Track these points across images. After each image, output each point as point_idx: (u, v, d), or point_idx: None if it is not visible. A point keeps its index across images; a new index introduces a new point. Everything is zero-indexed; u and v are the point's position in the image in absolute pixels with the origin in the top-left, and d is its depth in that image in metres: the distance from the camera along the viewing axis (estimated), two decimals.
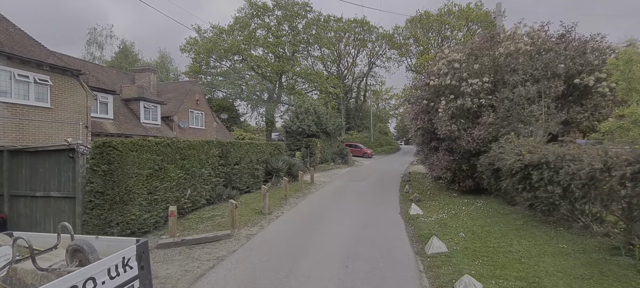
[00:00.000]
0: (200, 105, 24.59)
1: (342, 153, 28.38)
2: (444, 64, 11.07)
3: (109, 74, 21.44)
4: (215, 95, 38.70)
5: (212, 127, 25.87)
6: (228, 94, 36.67)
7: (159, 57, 39.51)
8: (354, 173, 22.60)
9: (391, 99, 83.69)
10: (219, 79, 35.15)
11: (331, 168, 26.57)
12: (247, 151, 14.81)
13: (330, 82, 39.84)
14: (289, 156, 28.04)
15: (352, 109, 55.83)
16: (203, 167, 11.42)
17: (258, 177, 15.69)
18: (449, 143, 11.69)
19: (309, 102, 29.67)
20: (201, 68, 38.31)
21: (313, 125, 27.82)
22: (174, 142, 10.12)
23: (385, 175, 21.41)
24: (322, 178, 20.27)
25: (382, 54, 53.14)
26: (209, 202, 11.88)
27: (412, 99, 14.56)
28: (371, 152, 37.88)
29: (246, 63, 33.95)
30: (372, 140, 45.08)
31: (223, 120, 32.85)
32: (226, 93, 36.45)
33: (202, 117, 24.80)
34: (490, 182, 9.97)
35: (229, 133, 29.84)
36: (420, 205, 11.31)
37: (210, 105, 35.73)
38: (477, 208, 10.05)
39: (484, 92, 10.56)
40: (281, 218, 10.25)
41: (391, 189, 15.52)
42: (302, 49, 43.22)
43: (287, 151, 29.32)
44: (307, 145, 26.21)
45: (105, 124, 17.21)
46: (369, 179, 19.18)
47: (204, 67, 38.64)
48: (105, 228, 7.72)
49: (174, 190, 9.82)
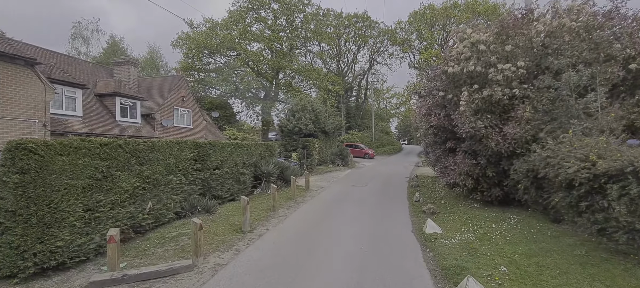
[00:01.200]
0: (187, 102, 22.51)
1: (341, 155, 26.30)
2: (466, 47, 8.97)
3: (83, 66, 19.37)
4: (208, 93, 36.60)
5: (200, 126, 23.80)
6: (222, 91, 34.56)
7: (148, 52, 37.45)
8: (355, 177, 20.51)
9: (392, 97, 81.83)
10: (211, 76, 33.03)
11: (330, 170, 24.48)
12: (231, 153, 12.73)
13: (330, 78, 37.74)
14: (284, 157, 25.99)
15: (353, 107, 53.75)
16: (171, 173, 9.34)
17: (245, 183, 13.61)
18: (471, 143, 9.60)
19: (306, 100, 27.58)
20: (194, 64, 36.20)
21: (310, 124, 25.72)
22: (128, 143, 8.03)
23: (389, 178, 19.31)
24: (319, 182, 18.18)
25: (383, 50, 51.10)
26: (180, 216, 9.80)
27: (423, 91, 12.48)
28: (373, 152, 35.79)
29: (240, 58, 31.86)
30: (374, 140, 43.00)
31: (214, 118, 30.76)
32: (219, 90, 34.33)
33: (189, 115, 22.73)
34: (528, 194, 7.87)
35: (221, 133, 27.77)
36: (436, 219, 9.23)
37: (201, 102, 33.73)
38: (512, 226, 7.94)
39: (517, 80, 8.46)
40: (264, 237, 8.16)
41: (398, 197, 13.43)
42: (300, 44, 41.14)
43: (283, 152, 27.27)
44: (303, 145, 24.14)
45: (72, 122, 15.13)
46: (372, 184, 17.08)
47: (197, 63, 36.53)
48: (17, 261, 5.66)
49: (127, 204, 7.74)
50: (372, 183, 17.31)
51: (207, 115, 27.97)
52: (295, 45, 39.74)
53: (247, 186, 13.91)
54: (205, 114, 27.64)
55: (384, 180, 18.63)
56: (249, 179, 13.94)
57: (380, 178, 19.55)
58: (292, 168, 16.46)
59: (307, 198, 13.38)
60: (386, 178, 19.55)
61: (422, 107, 11.74)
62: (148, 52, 37.29)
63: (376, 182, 17.61)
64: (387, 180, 18.67)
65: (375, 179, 18.91)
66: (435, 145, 13.13)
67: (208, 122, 26.77)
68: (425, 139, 15.22)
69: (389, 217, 9.93)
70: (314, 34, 38.51)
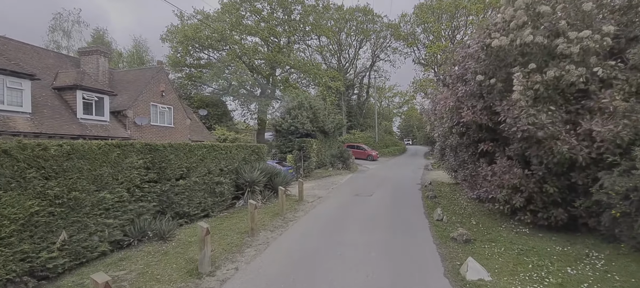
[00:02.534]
0: (168, 98, 19.87)
1: (342, 157, 23.62)
2: (519, 9, 6.27)
3: (43, 55, 16.71)
4: (200, 91, 33.88)
5: (183, 125, 21.15)
6: (213, 88, 31.91)
7: (133, 45, 34.73)
8: (359, 183, 17.82)
9: (394, 96, 79.12)
10: (202, 72, 30.37)
11: (329, 174, 21.80)
12: (203, 158, 10.07)
13: (330, 74, 35.04)
14: (279, 160, 23.32)
15: (354, 105, 51.05)
16: (104, 189, 6.69)
17: (222, 195, 10.95)
18: (523, 146, 6.90)
19: (303, 96, 24.90)
20: (183, 59, 33.53)
21: (308, 123, 23.05)
22: (25, 146, 5.38)
23: (398, 185, 16.61)
24: (316, 190, 15.51)
25: (386, 46, 48.36)
26: (121, 246, 7.14)
27: (448, 77, 9.78)
28: (376, 153, 33.09)
29: (232, 52, 29.19)
30: (377, 141, 40.28)
31: (202, 117, 28.13)
32: (210, 87, 31.66)
33: (170, 113, 20.08)
34: (627, 223, 5.17)
35: (209, 133, 25.10)
36: (475, 253, 6.54)
37: (191, 100, 31.08)
38: (601, 273, 5.24)
39: (601, 54, 5.77)
40: (228, 286, 5.49)
41: (414, 213, 10.73)
42: (299, 38, 38.46)
43: (278, 154, 24.60)
44: (300, 146, 21.47)
45: (16, 119, 12.49)
46: (379, 193, 14.39)
47: (188, 59, 33.86)
48: None
49: (17, 239, 5.09)
50: (378, 192, 14.61)
51: (194, 114, 25.33)
52: (293, 40, 37.10)
53: (226, 198, 11.25)
54: (191, 112, 24.99)
55: (393, 187, 15.93)
56: (228, 190, 11.28)
57: (388, 185, 16.85)
58: (282, 175, 13.79)
59: (299, 214, 10.69)
60: (395, 184, 16.84)
61: (449, 98, 9.02)
62: (133, 45, 34.58)
63: (384, 191, 14.91)
64: (397, 187, 15.96)
65: (382, 186, 16.21)
66: (460, 148, 10.48)
67: (194, 121, 24.12)
68: (445, 140, 12.53)
69: (408, 248, 7.24)
70: (313, 27, 35.81)
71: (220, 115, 32.36)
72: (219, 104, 32.85)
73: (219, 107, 32.60)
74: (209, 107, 31.68)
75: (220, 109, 32.49)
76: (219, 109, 32.34)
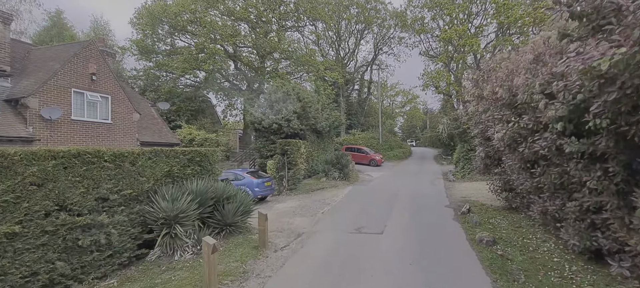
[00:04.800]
0: (103, 84, 14.69)
1: (340, 163, 18.41)
2: None
3: None
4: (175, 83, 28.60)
5: (127, 120, 15.95)
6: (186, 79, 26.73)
7: (92, 27, 29.25)
8: (360, 203, 12.63)
9: (397, 95, 73.99)
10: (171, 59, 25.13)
11: (322, 187, 16.60)
12: (47, 177, 4.88)
13: (326, 63, 29.87)
14: (259, 168, 18.14)
15: (354, 103, 45.87)
16: None
17: (107, 247, 5.78)
18: None
19: (289, 86, 19.74)
20: (154, 46, 28.31)
21: (294, 120, 17.87)
22: None
23: (420, 208, 11.40)
24: (296, 217, 10.33)
25: (390, 37, 43.20)
26: None
27: None
28: (381, 158, 27.89)
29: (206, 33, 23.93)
30: (381, 142, 35.07)
31: (163, 112, 23.02)
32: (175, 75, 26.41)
33: (106, 104, 14.89)
34: None
35: (171, 132, 19.90)
36: None
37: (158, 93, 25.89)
38: None
39: None
40: None
41: (472, 284, 5.50)
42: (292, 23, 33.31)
43: (258, 159, 19.43)
44: (283, 150, 16.26)
45: None
46: (394, 226, 9.19)
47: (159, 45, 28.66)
48: None
49: None
50: (393, 224, 9.38)
51: (153, 107, 20.14)
52: (284, 25, 31.94)
53: (118, 251, 6.04)
54: (148, 105, 19.82)
55: (412, 213, 10.69)
56: (120, 236, 6.07)
57: (404, 207, 11.63)
58: (239, 198, 8.56)
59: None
60: (414, 207, 11.62)
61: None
62: (91, 27, 29.08)
63: (400, 221, 9.68)
64: (418, 213, 10.73)
65: (395, 211, 10.99)
66: (560, 159, 5.32)
67: (150, 116, 18.92)
68: (507, 144, 7.33)
69: None
70: (307, 11, 30.63)
71: (196, 111, 27.21)
72: (193, 98, 27.70)
73: (193, 102, 27.45)
74: (182, 102, 26.57)
75: (195, 104, 27.33)
76: (194, 104, 27.19)
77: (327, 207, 12.08)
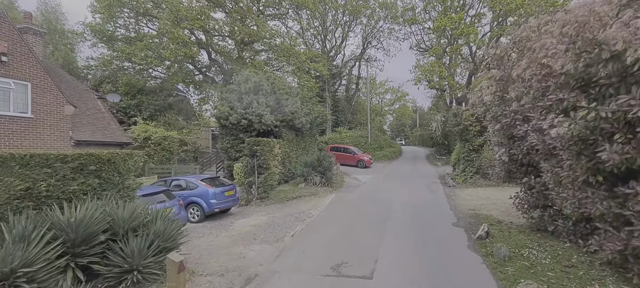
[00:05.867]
0: (18, 67, 11.52)
1: (321, 166, 15.63)
2: None
3: None
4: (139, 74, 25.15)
5: (57, 114, 12.80)
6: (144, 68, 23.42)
7: (40, 10, 25.40)
8: (344, 221, 9.92)
9: (386, 93, 71.81)
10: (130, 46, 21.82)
11: (299, 195, 13.80)
12: None
13: (309, 54, 27.00)
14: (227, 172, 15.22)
15: (342, 99, 43.20)
16: None
17: None
18: None
19: (263, 75, 16.85)
20: (115, 32, 24.83)
21: (267, 115, 15.02)
22: None
23: (422, 229, 8.74)
24: (254, 247, 7.49)
25: (380, 30, 40.69)
26: None
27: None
28: (369, 158, 25.23)
29: (170, 16, 20.74)
30: (370, 141, 32.48)
31: (121, 107, 19.87)
32: (136, 66, 23.10)
33: (24, 94, 11.73)
34: None
35: (120, 130, 16.69)
36: None
37: (110, 82, 22.53)
38: None
39: None
40: None
41: None
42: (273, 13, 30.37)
43: (226, 160, 16.55)
44: (252, 151, 13.38)
45: None
46: (389, 261, 6.52)
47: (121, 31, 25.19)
48: None
49: None
50: (386, 255, 6.68)
51: (100, 100, 16.93)
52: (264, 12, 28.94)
53: None
54: (94, 98, 16.62)
55: (412, 238, 8.00)
56: None
57: (400, 226, 8.96)
58: (158, 226, 5.64)
59: None
60: (413, 226, 8.95)
61: None
62: (39, 9, 25.20)
63: (396, 252, 6.99)
64: (420, 236, 8.05)
65: (389, 234, 8.29)
66: None
67: (94, 110, 15.76)
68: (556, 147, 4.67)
69: None
70: None
71: (162, 106, 23.94)
72: (157, 91, 24.45)
73: (158, 96, 24.18)
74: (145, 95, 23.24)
75: (160, 98, 24.07)
76: (158, 98, 23.92)
77: (300, 225, 9.30)
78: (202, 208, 10.70)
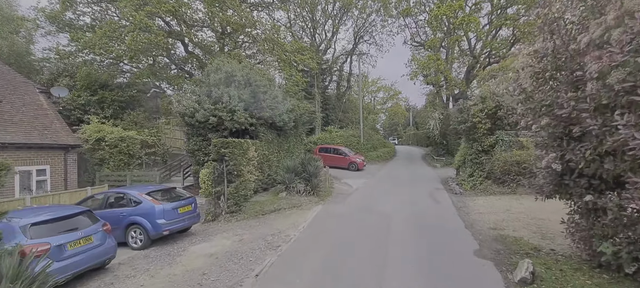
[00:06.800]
0: None
1: (306, 171, 13.22)
2: None
3: None
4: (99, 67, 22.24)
5: None
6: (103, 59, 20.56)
7: None
8: (329, 250, 7.60)
9: (378, 91, 69.82)
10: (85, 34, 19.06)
11: (278, 207, 11.38)
12: None
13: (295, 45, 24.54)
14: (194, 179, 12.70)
15: (332, 96, 40.90)
16: None
17: None
18: None
19: (235, 65, 14.37)
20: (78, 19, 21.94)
21: (240, 111, 12.57)
22: None
23: (433, 264, 6.45)
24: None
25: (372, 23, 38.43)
26: None
27: None
28: (362, 160, 22.92)
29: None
30: (363, 141, 30.19)
31: (79, 103, 17.23)
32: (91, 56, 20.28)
33: None
34: None
35: (66, 129, 13.96)
36: None
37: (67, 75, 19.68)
38: None
39: None
40: None
41: None
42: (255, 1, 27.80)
43: (194, 165, 14.08)
44: (219, 154, 10.91)
45: None
46: None
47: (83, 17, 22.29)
48: None
49: None
50: None
51: (42, 94, 14.21)
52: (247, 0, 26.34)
53: None
54: (36, 92, 13.90)
55: (427, 281, 5.70)
56: None
57: (404, 259, 6.67)
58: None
59: None
60: (421, 259, 6.65)
61: None
62: None
63: None
64: (434, 273, 5.76)
65: (391, 270, 5.98)
66: None
67: (33, 106, 13.08)
68: None
69: None
70: None
71: (127, 103, 21.20)
72: (124, 86, 21.72)
73: (124, 92, 21.41)
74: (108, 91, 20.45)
75: (127, 93, 21.31)
76: (125, 94, 21.17)
77: (272, 256, 6.91)
78: (146, 230, 8.20)
